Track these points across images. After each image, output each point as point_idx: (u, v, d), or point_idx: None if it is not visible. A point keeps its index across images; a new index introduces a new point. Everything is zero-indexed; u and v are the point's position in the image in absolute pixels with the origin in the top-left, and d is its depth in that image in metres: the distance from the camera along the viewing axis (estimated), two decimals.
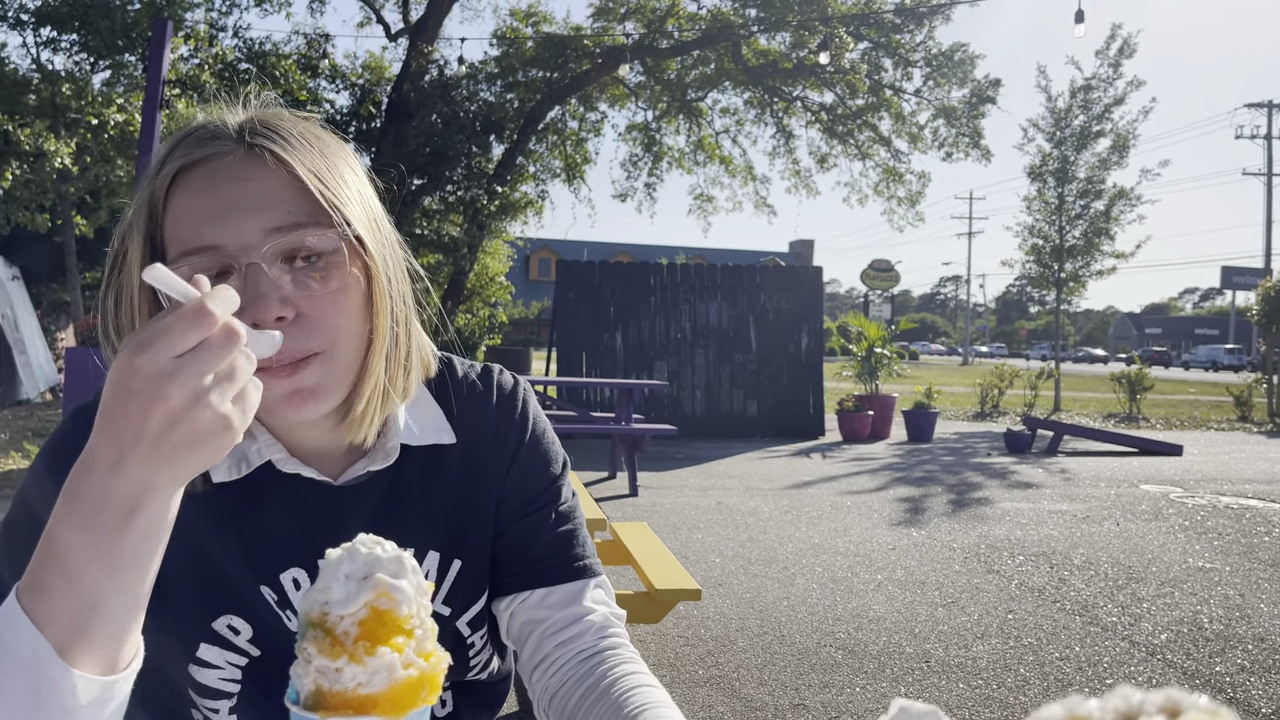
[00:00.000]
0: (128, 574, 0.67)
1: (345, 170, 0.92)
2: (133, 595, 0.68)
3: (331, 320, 0.87)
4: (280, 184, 0.87)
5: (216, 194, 0.85)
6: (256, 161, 0.87)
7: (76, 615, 0.66)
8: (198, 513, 0.94)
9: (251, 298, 0.82)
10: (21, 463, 8.14)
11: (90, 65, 14.54)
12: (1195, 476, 9.93)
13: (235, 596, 0.96)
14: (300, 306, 0.85)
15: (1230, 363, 60.16)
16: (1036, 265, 18.60)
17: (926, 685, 3.70)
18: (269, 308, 0.82)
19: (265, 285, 0.83)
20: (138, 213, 0.87)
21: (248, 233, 0.84)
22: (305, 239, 0.86)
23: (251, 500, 0.98)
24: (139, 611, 0.70)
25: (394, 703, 0.64)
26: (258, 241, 0.84)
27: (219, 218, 0.85)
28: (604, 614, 1.06)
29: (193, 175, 0.87)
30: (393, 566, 0.67)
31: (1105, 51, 17.71)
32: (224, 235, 0.84)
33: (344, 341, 0.89)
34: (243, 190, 0.85)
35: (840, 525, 6.88)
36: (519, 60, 17.46)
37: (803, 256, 72.86)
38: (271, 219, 0.85)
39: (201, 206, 0.85)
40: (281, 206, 0.86)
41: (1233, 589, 5.31)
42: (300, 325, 0.85)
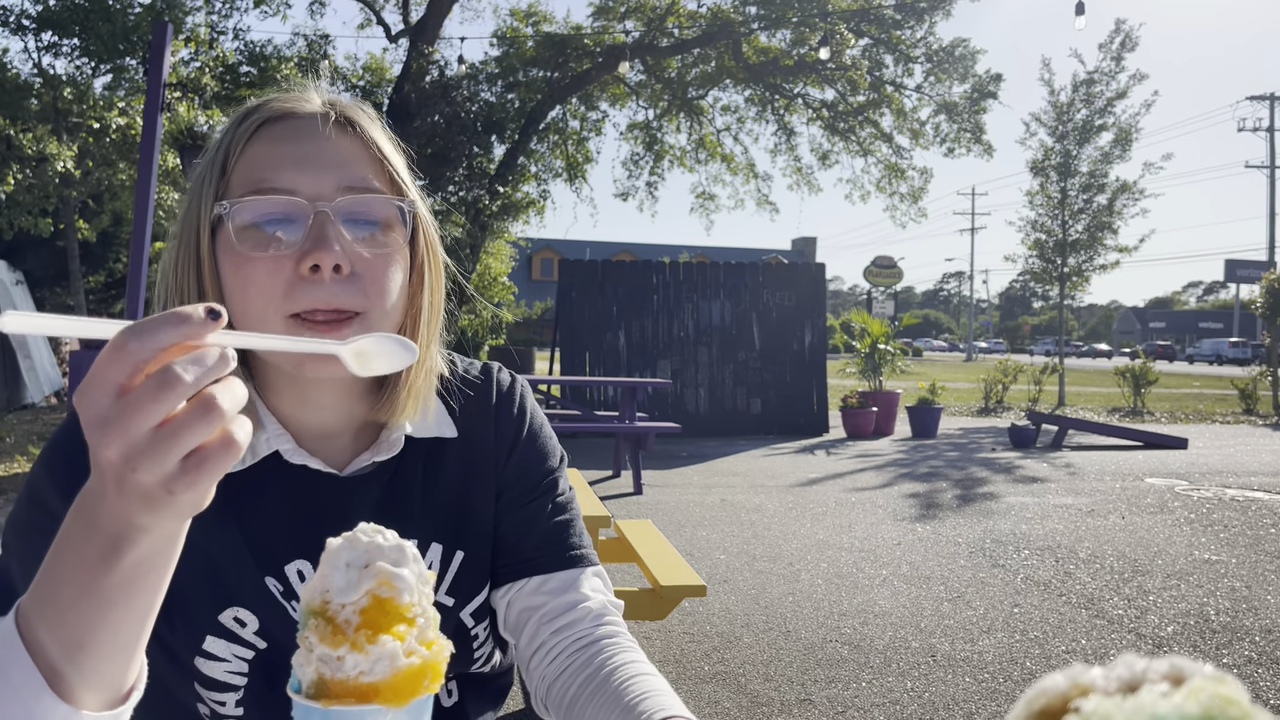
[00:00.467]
0: (114, 613, 0.63)
1: (407, 169, 1.00)
2: (122, 636, 0.64)
3: (379, 285, 0.91)
4: (357, 151, 0.94)
5: (299, 145, 0.91)
6: (338, 127, 0.94)
7: (64, 650, 0.63)
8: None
9: (317, 240, 0.87)
10: (27, 466, 8.15)
11: (91, 69, 14.56)
12: (1200, 469, 9.91)
13: (241, 588, 0.96)
14: (355, 265, 0.90)
15: (1235, 356, 60.03)
16: (1039, 260, 18.56)
17: (933, 680, 3.70)
18: (332, 253, 0.87)
19: (331, 232, 0.88)
20: (211, 166, 0.92)
21: (323, 185, 0.90)
22: (372, 203, 0.92)
23: (256, 491, 0.98)
24: (132, 648, 0.66)
25: (396, 691, 0.64)
26: (330, 194, 0.90)
27: (298, 166, 0.90)
28: (601, 601, 1.07)
29: (276, 127, 0.93)
30: (394, 555, 0.66)
31: (1108, 45, 17.68)
32: (300, 182, 0.89)
33: (383, 309, 0.92)
34: (323, 147, 0.92)
35: (845, 521, 6.88)
36: (519, 60, 17.46)
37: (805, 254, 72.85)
38: (346, 178, 0.91)
39: (282, 153, 0.91)
40: (356, 170, 0.93)
41: (1239, 581, 5.30)
42: (351, 282, 0.89)
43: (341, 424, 1.02)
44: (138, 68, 14.18)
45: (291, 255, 0.88)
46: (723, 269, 13.99)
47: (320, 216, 0.88)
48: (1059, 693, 0.31)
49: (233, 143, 0.92)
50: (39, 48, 14.36)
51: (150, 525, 0.60)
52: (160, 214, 14.55)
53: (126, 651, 0.65)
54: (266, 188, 0.89)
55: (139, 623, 0.65)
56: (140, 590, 0.64)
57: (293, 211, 0.89)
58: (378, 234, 0.92)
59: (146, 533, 0.61)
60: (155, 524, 0.61)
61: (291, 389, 0.98)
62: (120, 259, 19.81)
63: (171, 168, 13.55)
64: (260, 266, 0.88)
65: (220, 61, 14.69)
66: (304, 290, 0.87)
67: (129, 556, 0.61)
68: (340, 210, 0.89)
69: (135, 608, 0.64)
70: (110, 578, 0.61)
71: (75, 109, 13.69)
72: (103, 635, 0.63)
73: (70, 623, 0.62)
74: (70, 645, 0.63)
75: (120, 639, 0.64)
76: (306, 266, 0.87)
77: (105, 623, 0.63)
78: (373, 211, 0.92)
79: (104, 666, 0.64)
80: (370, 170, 0.94)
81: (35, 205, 13.93)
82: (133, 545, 0.61)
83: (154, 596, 0.65)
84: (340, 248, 0.88)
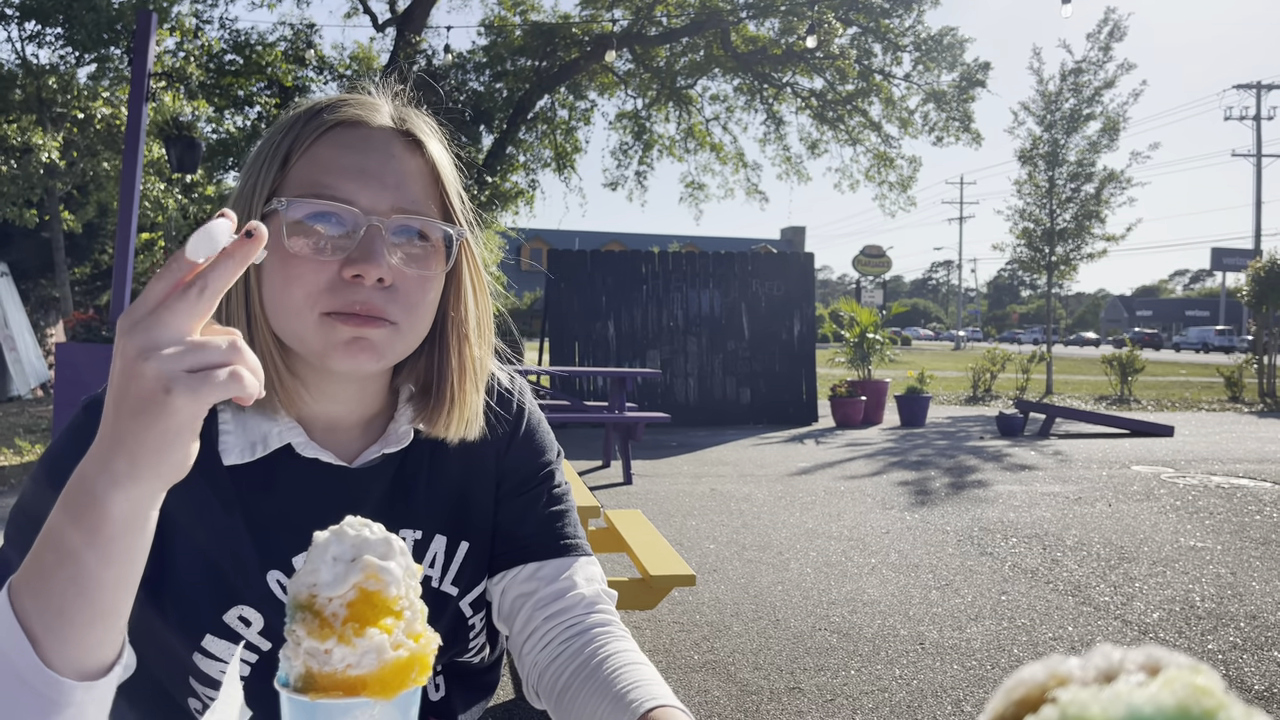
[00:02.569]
0: (91, 581, 0.67)
1: (461, 187, 1.04)
2: (98, 605, 0.67)
3: (413, 301, 0.95)
4: (417, 171, 0.97)
5: (365, 156, 0.95)
6: (404, 144, 0.98)
7: (44, 618, 0.67)
8: (209, 498, 0.94)
9: (365, 251, 0.90)
10: (13, 459, 8.11)
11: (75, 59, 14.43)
12: (1186, 457, 9.98)
13: (246, 585, 0.97)
14: (396, 279, 0.93)
15: (1221, 344, 60.37)
16: (1028, 249, 18.61)
17: (921, 667, 3.72)
18: (379, 265, 0.90)
19: (379, 246, 0.91)
20: (273, 155, 0.95)
21: (379, 200, 0.93)
22: (423, 225, 0.95)
23: (264, 484, 0.99)
24: (110, 620, 0.69)
25: (384, 684, 0.64)
26: (385, 211, 0.93)
27: (359, 178, 0.93)
28: (594, 590, 1.08)
29: (345, 133, 0.96)
30: (380, 548, 0.67)
31: (1096, 35, 17.71)
32: (359, 195, 0.93)
33: (412, 323, 0.96)
34: (387, 164, 0.95)
35: (834, 510, 6.90)
36: (507, 49, 17.39)
37: (794, 243, 72.89)
38: (402, 199, 0.95)
39: (347, 162, 0.94)
40: (413, 191, 0.96)
41: (1224, 567, 5.34)
42: (389, 294, 0.93)
43: (353, 417, 1.05)
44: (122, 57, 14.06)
45: (338, 260, 0.91)
46: (712, 259, 13.98)
47: (372, 230, 0.91)
48: (1037, 683, 0.31)
49: (299, 139, 0.95)
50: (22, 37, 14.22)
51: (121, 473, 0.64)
52: (145, 205, 14.47)
53: (104, 622, 0.68)
54: (326, 193, 0.92)
55: (115, 592, 0.68)
56: (115, 557, 0.67)
57: (346, 219, 0.92)
58: (422, 255, 0.96)
59: (118, 487, 0.65)
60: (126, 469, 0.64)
61: (308, 379, 0.99)
62: (106, 250, 19.69)
63: (156, 158, 13.47)
64: (306, 265, 0.91)
65: (206, 51, 14.58)
66: (343, 292, 0.91)
67: (107, 515, 0.65)
68: (391, 228, 0.93)
69: (111, 576, 0.67)
70: (88, 541, 0.65)
71: (59, 99, 13.58)
72: (80, 603, 0.67)
73: (51, 590, 0.66)
74: (50, 612, 0.67)
75: (97, 608, 0.67)
76: (350, 274, 0.90)
77: (82, 590, 0.66)
78: (421, 232, 0.96)
79: (83, 635, 0.67)
80: (426, 193, 0.98)
81: (20, 196, 13.82)
82: (110, 503, 0.65)
83: (129, 567, 0.68)
84: (385, 262, 0.91)
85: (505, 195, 16.82)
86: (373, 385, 1.04)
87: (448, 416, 1.04)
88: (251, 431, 0.98)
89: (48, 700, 0.66)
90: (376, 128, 0.97)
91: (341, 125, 0.96)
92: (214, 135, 15.75)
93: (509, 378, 1.19)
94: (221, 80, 14.83)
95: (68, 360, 8.17)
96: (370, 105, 0.99)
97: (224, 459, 0.97)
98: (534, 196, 18.10)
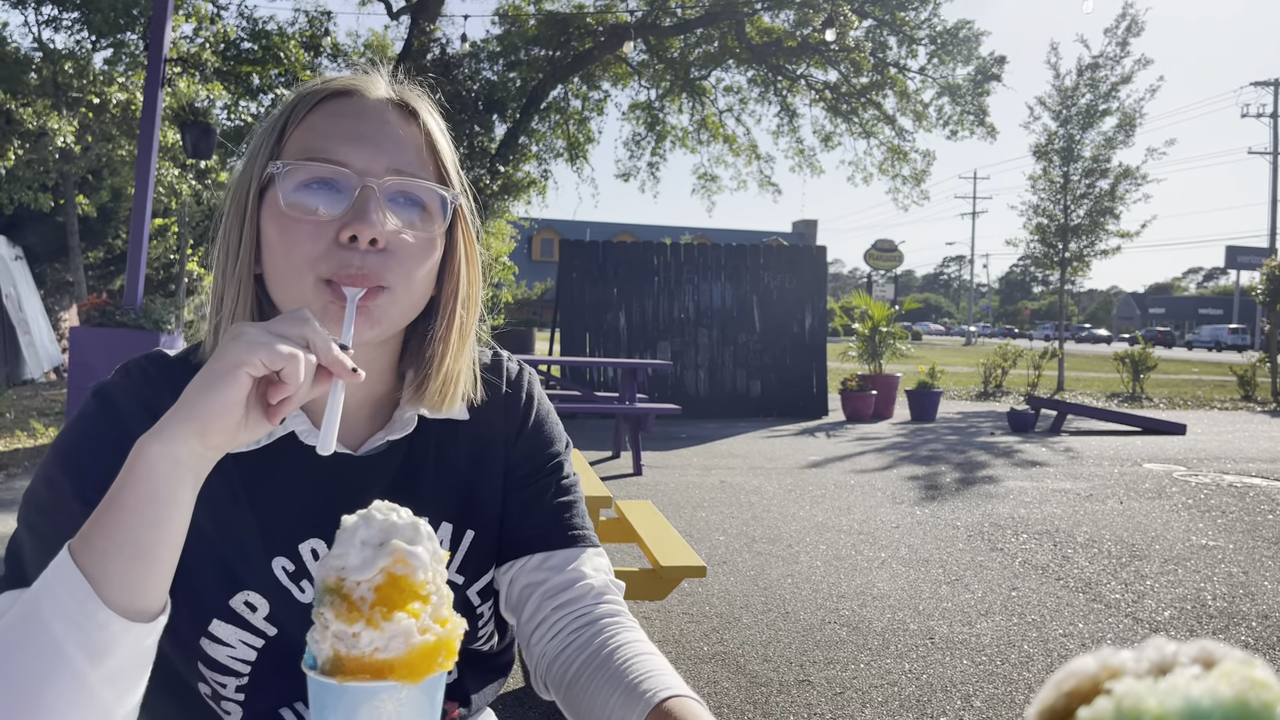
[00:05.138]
0: (128, 521, 0.71)
1: (458, 164, 1.05)
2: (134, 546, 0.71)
3: (408, 265, 0.94)
4: (413, 137, 0.98)
5: (358, 122, 0.95)
6: (399, 112, 0.98)
7: (91, 557, 0.71)
8: (215, 485, 0.95)
9: (358, 213, 0.91)
10: (27, 441, 8.16)
11: (92, 44, 14.49)
12: (1199, 455, 9.93)
13: (252, 571, 0.97)
14: (390, 242, 0.93)
15: (1234, 342, 60.06)
16: (1041, 245, 18.51)
17: (930, 662, 3.72)
18: (372, 224, 0.90)
19: (373, 207, 0.91)
20: (271, 129, 0.97)
21: (374, 163, 0.93)
22: (418, 187, 0.95)
23: (270, 471, 0.99)
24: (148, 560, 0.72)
25: (411, 668, 0.64)
26: (379, 173, 0.93)
27: (355, 142, 0.94)
28: (603, 580, 1.08)
29: (339, 102, 0.97)
30: (408, 533, 0.67)
31: (1114, 30, 17.58)
32: (353, 157, 0.93)
33: (408, 288, 0.95)
34: (382, 128, 0.96)
35: (844, 504, 6.90)
36: (521, 38, 17.34)
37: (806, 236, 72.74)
38: (397, 161, 0.95)
39: (341, 127, 0.95)
40: (408, 155, 0.96)
41: (1236, 566, 5.32)
42: (383, 257, 0.92)
43: (357, 402, 1.04)
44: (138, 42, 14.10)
45: (334, 223, 0.91)
46: (724, 251, 13.95)
47: (366, 191, 0.92)
48: (1088, 674, 0.31)
49: (294, 111, 0.96)
50: (39, 21, 14.28)
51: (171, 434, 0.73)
52: (160, 190, 14.51)
53: (143, 562, 0.72)
54: (320, 156, 0.93)
55: (154, 533, 0.72)
56: (149, 499, 0.72)
57: (341, 182, 0.92)
58: (417, 218, 0.96)
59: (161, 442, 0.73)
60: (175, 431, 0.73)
61: None
62: (120, 235, 19.75)
63: (171, 143, 13.50)
64: (303, 229, 0.91)
65: (222, 37, 14.60)
66: (339, 256, 0.91)
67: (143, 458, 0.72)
68: (386, 190, 0.93)
69: (147, 516, 0.72)
70: (127, 483, 0.72)
71: (75, 84, 13.62)
72: (119, 540, 0.71)
73: (98, 529, 0.71)
74: (95, 551, 0.71)
75: (135, 546, 0.71)
76: (346, 235, 0.90)
77: (120, 528, 0.71)
78: (416, 195, 0.96)
79: (127, 575, 0.71)
80: (421, 159, 0.98)
81: (35, 180, 13.88)
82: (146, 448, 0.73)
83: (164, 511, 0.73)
84: (379, 224, 0.91)
85: (517, 185, 16.79)
86: (377, 367, 1.03)
87: (439, 389, 1.04)
88: None
89: (101, 643, 0.69)
90: (372, 98, 0.98)
91: (337, 95, 0.97)
92: (229, 122, 15.79)
93: (518, 367, 1.19)
94: (238, 68, 14.85)
95: (81, 344, 8.21)
96: (366, 79, 1.00)
97: None
98: (546, 186, 18.06)
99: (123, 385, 0.98)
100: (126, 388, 0.97)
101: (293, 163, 0.92)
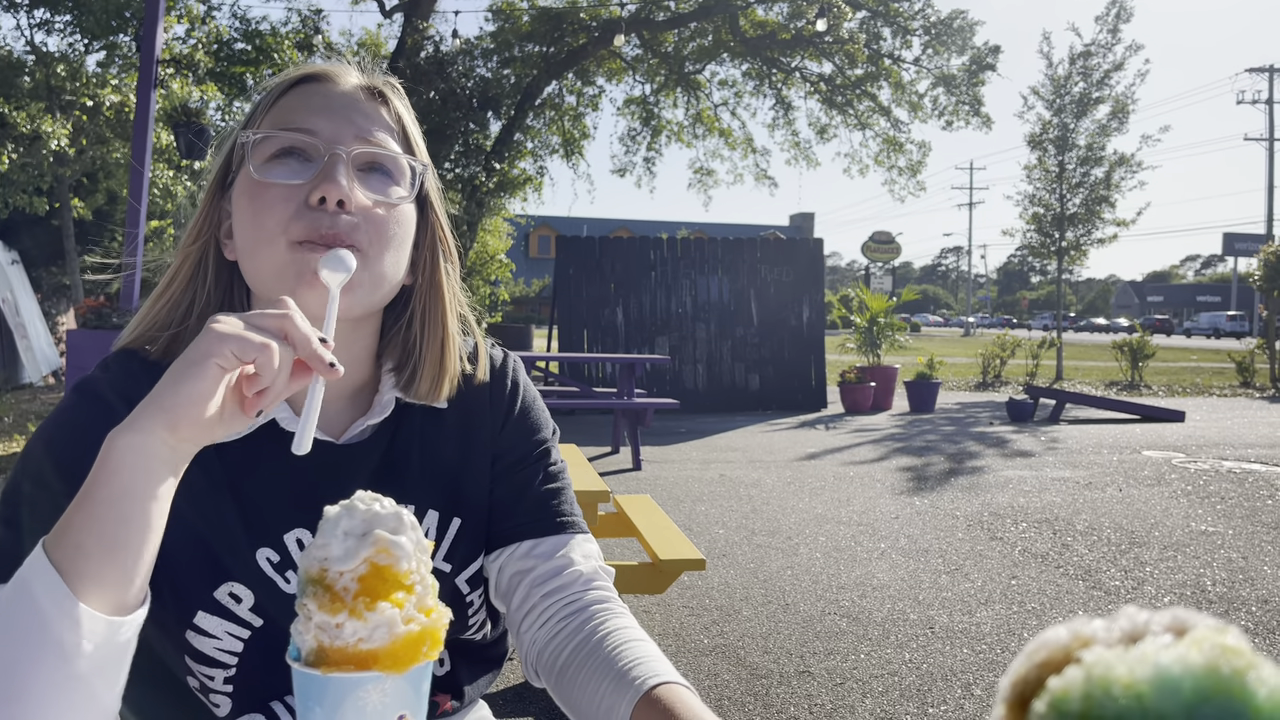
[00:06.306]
0: (101, 515, 0.70)
1: (426, 154, 1.07)
2: (107, 541, 0.70)
3: (380, 231, 0.96)
4: (382, 117, 1.01)
5: (328, 98, 0.98)
6: (369, 95, 1.02)
7: (64, 553, 0.69)
8: (197, 476, 0.94)
9: (325, 176, 0.93)
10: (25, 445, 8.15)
11: (84, 46, 14.45)
12: (1197, 442, 9.94)
13: (236, 561, 0.97)
14: (361, 209, 0.95)
15: (1232, 329, 60.09)
16: (1037, 234, 18.52)
17: (930, 651, 3.72)
18: (339, 187, 0.92)
19: (340, 172, 0.93)
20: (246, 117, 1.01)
21: (342, 131, 0.96)
22: (385, 157, 0.98)
23: (252, 461, 0.99)
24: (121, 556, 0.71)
25: (395, 658, 0.64)
26: (347, 141, 0.96)
27: (323, 113, 0.97)
28: (592, 566, 1.08)
29: (310, 86, 1.00)
30: (391, 523, 0.66)
31: (1104, 17, 17.58)
32: (321, 125, 0.96)
33: (380, 255, 0.96)
34: (351, 104, 0.99)
35: (843, 495, 6.90)
36: (515, 35, 17.31)
37: (803, 229, 72.68)
38: (365, 132, 0.98)
39: (310, 103, 0.98)
40: (378, 129, 0.99)
41: (1235, 552, 5.33)
42: (354, 220, 0.94)
43: (336, 389, 1.04)
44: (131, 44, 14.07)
45: (303, 187, 0.93)
46: (720, 245, 13.95)
47: (334, 157, 0.93)
48: (1060, 645, 0.31)
49: (267, 95, 1.00)
50: (31, 25, 14.23)
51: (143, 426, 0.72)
52: (155, 192, 14.48)
53: (118, 556, 0.70)
54: (290, 126, 0.96)
55: (126, 529, 0.71)
56: (121, 494, 0.71)
57: (309, 148, 0.95)
58: (386, 186, 0.98)
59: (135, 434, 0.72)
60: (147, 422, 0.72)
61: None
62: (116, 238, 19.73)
63: (165, 145, 13.48)
64: (274, 193, 0.93)
65: (215, 38, 14.58)
66: (309, 218, 0.92)
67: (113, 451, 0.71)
68: (354, 156, 0.95)
69: (120, 511, 0.70)
70: (99, 479, 0.71)
71: (68, 86, 13.59)
72: (93, 535, 0.69)
73: (71, 525, 0.70)
74: (69, 546, 0.69)
75: (108, 541, 0.70)
76: (315, 198, 0.92)
77: (93, 522, 0.70)
78: (383, 165, 0.98)
79: (101, 569, 0.69)
80: (391, 133, 1.00)
81: (30, 184, 13.86)
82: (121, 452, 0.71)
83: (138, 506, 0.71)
84: (346, 186, 0.93)
85: (513, 182, 16.78)
86: (355, 352, 1.03)
87: (425, 377, 1.05)
88: None
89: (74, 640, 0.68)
90: (343, 81, 1.01)
91: (309, 80, 1.00)
92: (223, 122, 15.75)
93: (502, 354, 1.19)
94: (231, 68, 14.82)
95: (78, 347, 8.20)
96: (338, 66, 1.03)
97: None
98: (542, 183, 18.08)
99: (104, 379, 0.98)
100: (108, 382, 0.97)
101: (262, 132, 0.95)
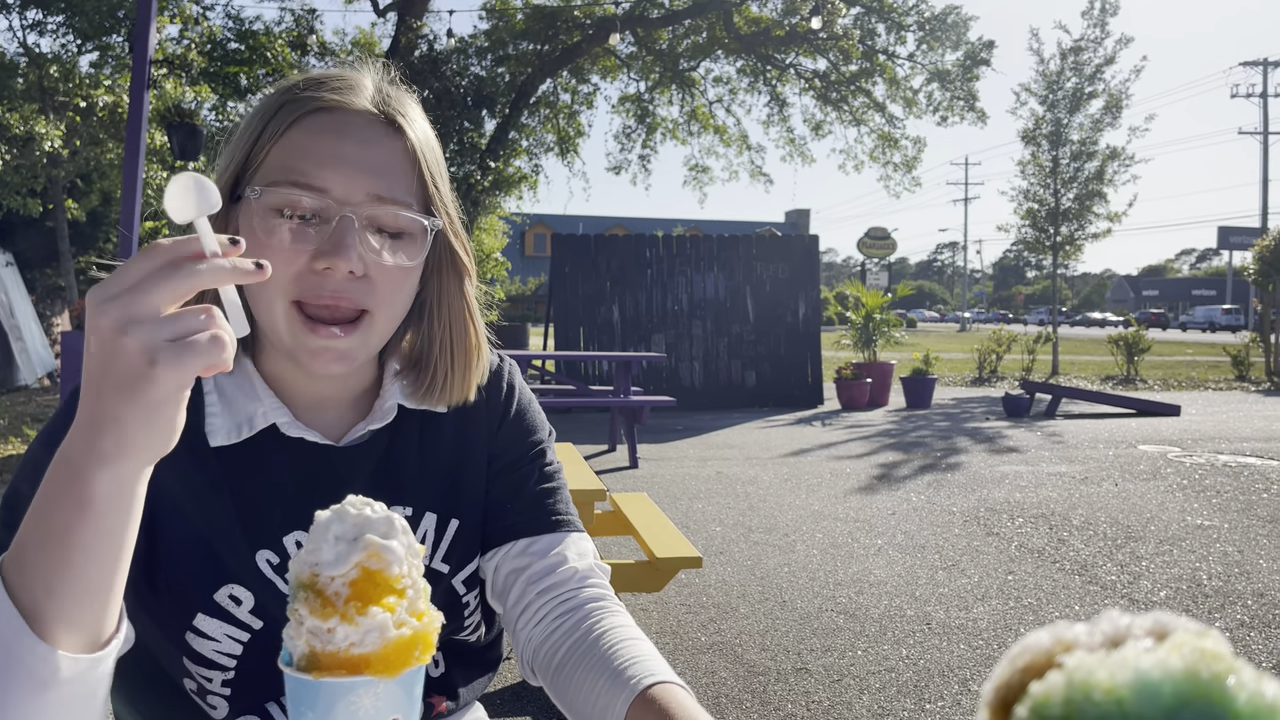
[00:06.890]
0: (78, 559, 0.65)
1: (445, 167, 1.02)
2: (86, 582, 0.66)
3: (388, 289, 0.94)
4: (397, 158, 0.95)
5: (340, 143, 0.92)
6: (384, 128, 0.95)
7: (33, 594, 0.65)
8: (197, 479, 0.95)
9: (336, 244, 0.89)
10: (20, 448, 8.14)
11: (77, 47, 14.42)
12: (1193, 436, 9.96)
13: (236, 563, 0.97)
14: (370, 268, 0.92)
15: (1228, 323, 60.21)
16: (1032, 229, 18.54)
17: (927, 647, 3.73)
18: (349, 258, 0.88)
19: (351, 238, 0.89)
20: (245, 138, 0.93)
21: (354, 190, 0.91)
22: (400, 216, 0.93)
23: (252, 465, 0.99)
24: (101, 596, 0.67)
25: (387, 662, 0.64)
26: (360, 201, 0.91)
27: (336, 167, 0.91)
28: (587, 564, 1.09)
29: (321, 118, 0.93)
30: (382, 527, 0.66)
31: (1090, 11, 17.62)
32: (333, 183, 0.90)
33: (390, 310, 0.95)
34: (365, 152, 0.92)
35: (839, 492, 6.91)
36: (509, 33, 17.28)
37: (799, 226, 72.73)
38: (380, 187, 0.92)
39: (323, 149, 0.91)
40: (392, 179, 0.93)
41: (1231, 546, 5.34)
42: (363, 283, 0.92)
43: (338, 395, 1.05)
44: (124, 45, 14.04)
45: (309, 250, 0.90)
46: (716, 242, 13.95)
47: (344, 221, 0.89)
48: (1043, 649, 0.31)
49: (273, 120, 0.92)
50: (24, 26, 14.20)
51: (108, 451, 0.63)
52: (149, 193, 14.45)
53: (95, 598, 0.67)
54: (302, 181, 0.90)
55: (105, 569, 0.67)
56: (104, 534, 0.65)
57: (319, 210, 0.90)
58: (398, 245, 0.94)
59: (106, 465, 0.63)
60: (112, 448, 0.63)
61: (291, 358, 0.98)
62: (110, 239, 19.71)
63: (159, 146, 13.46)
64: (277, 255, 0.88)
65: (208, 38, 14.55)
66: (312, 282, 0.90)
67: (93, 494, 0.64)
68: (365, 219, 0.91)
69: (97, 554, 0.66)
70: (76, 519, 0.64)
71: (61, 87, 13.57)
72: (68, 579, 0.65)
73: (39, 566, 0.65)
74: (39, 589, 0.65)
75: (84, 585, 0.66)
76: (321, 265, 0.89)
77: (69, 567, 0.65)
78: (398, 224, 0.94)
79: (74, 611, 0.66)
80: (405, 179, 0.95)
81: (23, 185, 13.84)
82: (97, 478, 0.63)
83: (119, 543, 0.67)
84: (358, 254, 0.90)
85: (508, 180, 16.75)
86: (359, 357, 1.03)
87: (440, 389, 1.06)
88: (237, 413, 0.98)
89: (42, 677, 0.65)
90: (355, 111, 0.94)
91: (319, 111, 0.93)
92: (216, 123, 15.72)
93: (498, 359, 1.19)
94: (224, 68, 14.80)
95: (73, 349, 8.18)
96: (350, 87, 0.95)
97: (210, 440, 0.97)
98: (537, 181, 18.04)
99: None
100: None
101: (269, 188, 0.89)
